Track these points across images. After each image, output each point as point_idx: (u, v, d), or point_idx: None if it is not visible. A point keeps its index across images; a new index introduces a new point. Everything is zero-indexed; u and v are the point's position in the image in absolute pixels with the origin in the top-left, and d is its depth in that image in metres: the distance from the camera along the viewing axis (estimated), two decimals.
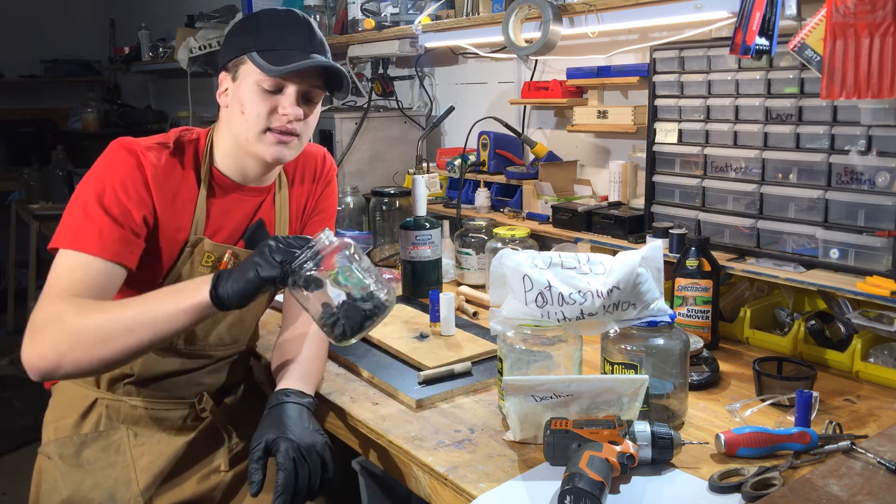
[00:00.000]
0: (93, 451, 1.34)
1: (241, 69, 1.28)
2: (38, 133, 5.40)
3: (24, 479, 1.44)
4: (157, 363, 1.36)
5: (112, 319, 1.12)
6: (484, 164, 2.32)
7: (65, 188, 3.75)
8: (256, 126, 1.28)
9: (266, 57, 1.25)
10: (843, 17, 1.28)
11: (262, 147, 1.29)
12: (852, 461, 1.02)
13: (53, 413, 1.38)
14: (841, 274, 1.48)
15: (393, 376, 1.42)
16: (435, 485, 1.12)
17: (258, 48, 1.27)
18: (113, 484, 1.33)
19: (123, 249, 1.21)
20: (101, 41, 5.76)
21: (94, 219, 1.20)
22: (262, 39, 1.28)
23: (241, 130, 1.29)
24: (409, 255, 1.90)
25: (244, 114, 1.28)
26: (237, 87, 1.29)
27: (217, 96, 1.34)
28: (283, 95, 1.28)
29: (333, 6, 2.84)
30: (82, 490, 1.31)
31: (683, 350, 1.22)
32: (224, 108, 1.33)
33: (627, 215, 1.85)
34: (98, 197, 1.21)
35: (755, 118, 1.60)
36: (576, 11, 1.84)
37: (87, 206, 1.20)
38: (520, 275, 1.21)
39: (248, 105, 1.27)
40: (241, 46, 1.28)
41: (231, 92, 1.31)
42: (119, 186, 1.22)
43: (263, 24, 1.30)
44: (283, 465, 1.10)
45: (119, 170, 1.23)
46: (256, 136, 1.28)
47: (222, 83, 1.32)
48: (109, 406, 1.36)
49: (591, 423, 1.08)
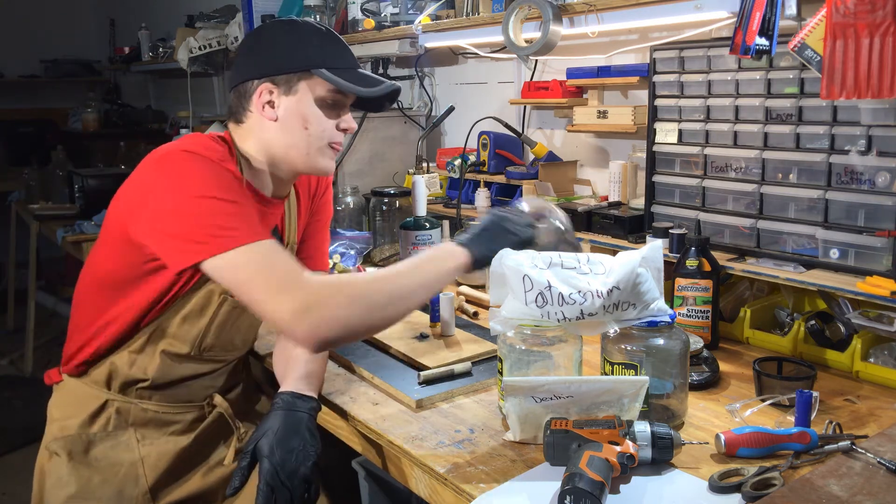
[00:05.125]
0: (101, 449, 1.34)
1: (302, 84, 1.28)
2: (38, 133, 5.40)
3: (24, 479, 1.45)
4: (173, 369, 1.36)
5: (395, 285, 1.15)
6: (484, 164, 2.32)
7: (65, 188, 3.74)
8: (320, 141, 1.31)
9: (340, 75, 1.28)
10: (843, 17, 1.28)
11: (323, 161, 1.33)
12: (852, 461, 1.02)
13: (60, 411, 1.37)
14: (841, 274, 1.48)
15: (393, 376, 1.42)
16: (435, 485, 1.12)
17: (327, 65, 1.28)
18: (121, 480, 1.33)
19: None
20: (101, 41, 5.76)
21: (236, 211, 1.16)
22: (327, 55, 1.29)
23: (299, 144, 1.30)
24: (409, 255, 1.90)
25: (308, 129, 1.30)
26: (296, 101, 1.29)
27: (254, 107, 1.30)
28: (343, 110, 1.33)
29: (333, 6, 2.84)
30: (90, 486, 1.31)
31: (683, 350, 1.22)
32: (270, 121, 1.30)
33: (627, 215, 1.84)
34: (222, 195, 1.16)
35: (755, 118, 1.60)
36: (576, 11, 1.84)
37: (217, 206, 1.15)
38: (520, 275, 1.21)
39: (313, 120, 1.29)
40: (304, 61, 1.28)
41: (284, 105, 1.29)
42: (230, 181, 1.21)
43: (316, 38, 1.30)
44: (262, 491, 1.14)
45: (217, 170, 1.20)
46: (319, 150, 1.32)
47: (262, 94, 1.29)
48: (120, 408, 1.35)
49: (591, 424, 1.08)
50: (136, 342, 1.32)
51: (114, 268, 1.28)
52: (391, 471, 1.25)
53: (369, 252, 2.27)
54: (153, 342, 1.32)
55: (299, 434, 1.20)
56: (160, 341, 1.32)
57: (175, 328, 1.32)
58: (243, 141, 1.33)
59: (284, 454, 1.17)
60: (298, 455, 1.18)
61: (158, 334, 1.32)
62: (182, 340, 1.33)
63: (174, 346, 1.33)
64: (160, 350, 1.33)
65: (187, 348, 1.34)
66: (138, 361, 1.33)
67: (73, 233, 3.11)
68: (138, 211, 1.21)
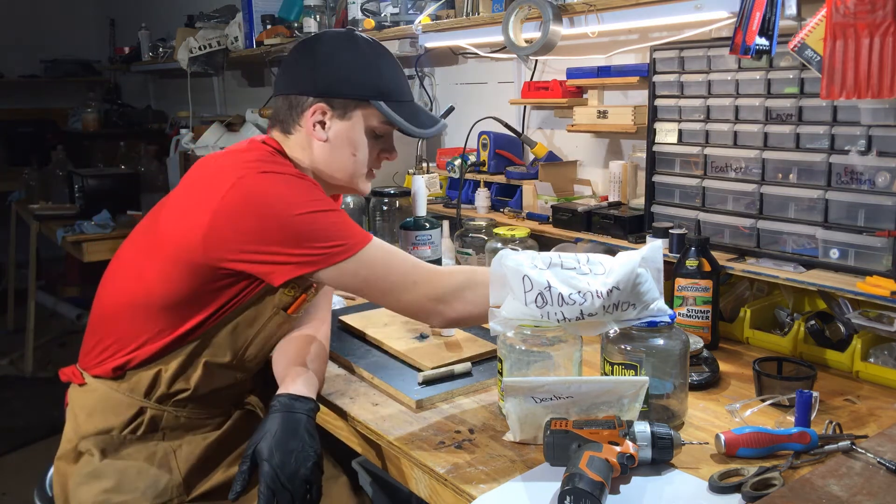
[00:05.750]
0: (132, 449, 1.34)
1: (358, 112, 1.32)
2: (38, 133, 5.40)
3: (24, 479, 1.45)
4: (215, 379, 1.36)
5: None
6: (484, 164, 2.32)
7: (65, 188, 3.74)
8: (365, 167, 1.38)
9: (396, 109, 1.32)
10: (843, 17, 1.28)
11: (364, 184, 1.41)
12: (852, 461, 1.02)
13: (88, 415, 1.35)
14: (841, 274, 1.48)
15: (393, 377, 1.42)
16: (435, 485, 1.12)
17: (385, 98, 1.32)
18: (156, 472, 1.33)
19: None
20: (101, 41, 5.76)
21: (339, 218, 1.23)
22: (387, 87, 1.33)
23: (345, 168, 1.35)
24: None
25: (356, 156, 1.35)
26: (349, 127, 1.33)
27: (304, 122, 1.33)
28: (389, 138, 1.40)
29: (333, 6, 2.84)
30: (127, 478, 1.31)
31: (683, 350, 1.22)
32: (320, 142, 1.33)
33: (627, 215, 1.84)
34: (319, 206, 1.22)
35: (755, 118, 1.60)
36: (576, 11, 1.84)
37: (321, 218, 1.21)
38: (519, 275, 1.21)
39: (361, 148, 1.35)
40: (365, 90, 1.31)
41: (336, 129, 1.32)
42: (317, 191, 1.25)
43: (378, 64, 1.33)
44: (263, 494, 1.15)
45: (301, 184, 1.25)
46: (362, 175, 1.38)
47: (314, 113, 1.31)
48: (154, 416, 1.35)
49: (590, 424, 1.08)
50: (182, 353, 1.32)
51: (175, 290, 1.28)
52: (391, 471, 1.25)
53: None
54: (198, 353, 1.33)
55: (298, 436, 1.20)
56: (204, 351, 1.33)
57: (222, 339, 1.33)
58: (291, 151, 1.36)
59: (284, 456, 1.17)
60: (298, 456, 1.17)
61: (204, 345, 1.32)
62: (225, 351, 1.34)
63: (217, 356, 1.33)
64: (203, 361, 1.33)
65: (228, 357, 1.35)
66: (181, 373, 1.33)
67: (73, 233, 3.11)
68: (221, 236, 1.21)
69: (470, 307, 1.26)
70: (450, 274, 1.28)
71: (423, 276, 1.25)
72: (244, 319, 1.33)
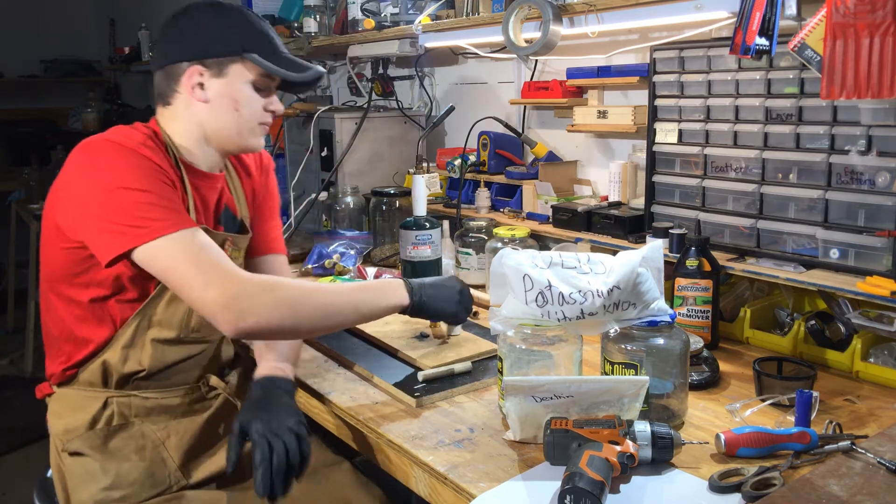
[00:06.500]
0: (118, 441, 1.35)
1: (233, 67, 1.32)
2: (38, 133, 5.41)
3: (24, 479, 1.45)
4: (165, 354, 1.37)
5: (330, 301, 1.25)
6: (484, 164, 2.32)
7: None
8: (252, 122, 1.37)
9: (270, 59, 1.32)
10: (843, 17, 1.28)
11: (253, 139, 1.39)
12: (852, 461, 1.02)
13: (60, 419, 1.37)
14: (841, 274, 1.48)
15: (393, 376, 1.42)
16: (435, 484, 1.12)
17: (258, 49, 1.32)
18: (149, 465, 1.34)
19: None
20: (101, 41, 5.76)
21: (153, 200, 1.20)
22: (257, 40, 1.33)
23: (230, 125, 1.35)
24: (409, 255, 1.90)
25: (239, 111, 1.35)
26: (227, 83, 1.33)
27: (182, 88, 1.33)
28: (270, 92, 1.39)
29: (333, 6, 2.84)
30: (122, 474, 1.32)
31: (683, 350, 1.22)
32: (200, 103, 1.34)
33: (627, 215, 1.85)
34: (138, 185, 1.20)
35: (755, 118, 1.60)
36: (576, 11, 1.84)
37: (139, 197, 1.19)
38: (520, 274, 1.21)
39: (244, 103, 1.34)
40: (236, 44, 1.31)
41: (215, 88, 1.33)
42: (147, 169, 1.23)
43: (245, 21, 1.34)
44: (257, 442, 1.18)
45: (133, 159, 1.23)
46: (250, 130, 1.37)
47: (192, 76, 1.32)
48: (120, 403, 1.36)
49: (591, 423, 1.08)
50: (124, 336, 1.33)
51: (62, 272, 1.31)
52: (391, 470, 1.25)
53: (369, 252, 2.27)
54: (141, 333, 1.34)
55: (280, 400, 1.26)
56: (148, 330, 1.34)
57: (160, 314, 1.34)
58: (172, 123, 1.36)
59: (269, 414, 1.22)
60: (282, 412, 1.23)
61: (145, 324, 1.34)
62: (169, 326, 1.35)
63: (162, 332, 1.35)
64: (149, 339, 1.34)
65: (175, 332, 1.36)
66: (131, 355, 1.34)
67: None
68: (64, 203, 1.25)
69: (262, 320, 1.16)
70: (248, 279, 1.20)
71: (220, 275, 1.18)
72: (174, 294, 1.33)
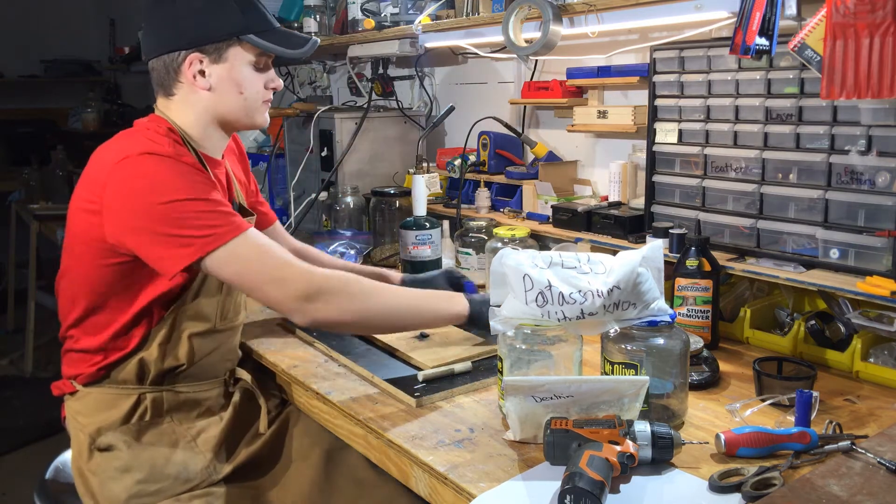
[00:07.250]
0: (151, 435, 1.36)
1: (231, 51, 1.33)
2: (38, 133, 5.41)
3: (24, 479, 1.45)
4: (202, 346, 1.39)
5: (396, 302, 1.33)
6: (484, 164, 2.32)
7: (65, 188, 3.75)
8: (256, 101, 1.39)
9: (266, 38, 1.33)
10: (843, 17, 1.28)
11: (261, 117, 1.42)
12: (852, 461, 1.02)
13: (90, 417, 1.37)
14: (841, 274, 1.48)
15: (393, 375, 1.42)
16: (435, 484, 1.12)
17: (252, 29, 1.33)
18: (182, 457, 1.35)
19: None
20: (101, 41, 5.76)
21: (211, 207, 1.23)
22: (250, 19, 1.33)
23: (237, 108, 1.37)
24: (409, 255, 1.90)
25: (243, 93, 1.36)
26: (228, 68, 1.34)
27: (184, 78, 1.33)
28: (268, 69, 1.40)
29: (333, 6, 2.84)
30: (157, 467, 1.33)
31: (683, 350, 1.22)
32: (203, 91, 1.34)
33: (627, 215, 1.85)
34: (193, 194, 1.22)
35: (755, 118, 1.60)
36: (576, 11, 1.84)
37: (194, 206, 1.21)
38: (520, 274, 1.21)
39: (247, 85, 1.36)
40: (230, 28, 1.31)
41: (216, 74, 1.33)
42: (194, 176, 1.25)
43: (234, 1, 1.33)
44: None
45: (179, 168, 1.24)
46: (256, 109, 1.39)
47: (191, 65, 1.32)
48: (154, 398, 1.37)
49: (591, 423, 1.08)
50: (159, 334, 1.35)
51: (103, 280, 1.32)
52: (391, 470, 1.25)
53: (369, 252, 2.27)
54: (177, 328, 1.35)
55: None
56: (183, 324, 1.36)
57: (192, 309, 1.35)
58: (178, 114, 1.37)
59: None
60: None
61: (181, 319, 1.35)
62: (203, 318, 1.37)
63: (198, 326, 1.37)
64: (186, 334, 1.36)
65: (209, 324, 1.38)
66: (169, 351, 1.36)
67: None
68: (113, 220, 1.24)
69: (336, 313, 1.26)
70: (324, 276, 1.27)
71: (295, 273, 1.25)
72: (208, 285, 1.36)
